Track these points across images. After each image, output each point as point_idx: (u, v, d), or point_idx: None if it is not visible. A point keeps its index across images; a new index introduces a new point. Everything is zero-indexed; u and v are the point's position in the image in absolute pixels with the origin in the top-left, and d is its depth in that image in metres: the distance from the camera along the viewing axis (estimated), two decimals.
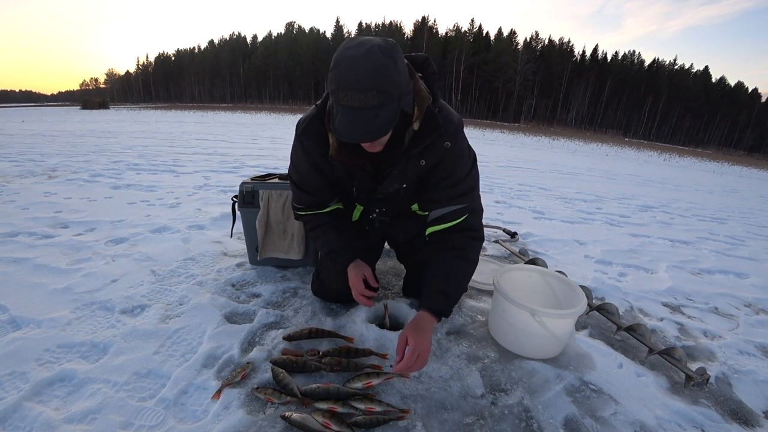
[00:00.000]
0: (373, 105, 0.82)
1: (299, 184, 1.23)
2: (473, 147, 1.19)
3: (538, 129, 31.51)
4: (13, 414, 0.94)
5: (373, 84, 0.81)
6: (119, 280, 1.61)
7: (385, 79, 0.82)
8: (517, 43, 54.85)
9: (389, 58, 0.83)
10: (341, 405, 0.98)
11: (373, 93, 0.81)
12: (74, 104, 45.31)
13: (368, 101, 0.82)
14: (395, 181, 1.13)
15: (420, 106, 0.97)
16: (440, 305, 1.10)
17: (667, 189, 6.19)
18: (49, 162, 4.36)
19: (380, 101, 0.82)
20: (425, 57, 1.04)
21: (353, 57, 0.81)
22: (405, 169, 1.09)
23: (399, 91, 0.86)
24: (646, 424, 1.03)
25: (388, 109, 0.85)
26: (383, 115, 0.85)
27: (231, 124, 13.68)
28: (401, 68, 0.87)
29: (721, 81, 55.89)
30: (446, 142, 1.05)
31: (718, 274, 2.33)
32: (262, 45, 67.76)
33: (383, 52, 0.82)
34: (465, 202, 1.12)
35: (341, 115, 0.86)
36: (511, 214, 3.26)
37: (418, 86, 0.98)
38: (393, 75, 0.83)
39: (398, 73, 0.85)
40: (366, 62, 0.80)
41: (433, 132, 1.01)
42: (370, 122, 0.85)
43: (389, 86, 0.83)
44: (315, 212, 1.27)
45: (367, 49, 0.82)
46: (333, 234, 1.26)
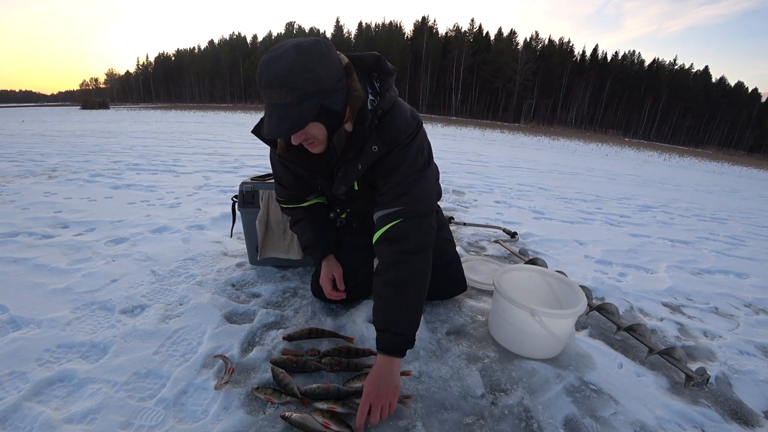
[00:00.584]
0: (287, 102, 0.85)
1: (277, 178, 1.31)
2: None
3: (538, 129, 31.52)
4: (13, 414, 0.94)
5: (284, 81, 0.84)
6: (119, 280, 1.61)
7: (295, 76, 0.84)
8: (517, 43, 54.93)
9: (302, 56, 0.84)
10: (341, 405, 0.97)
11: (286, 90, 0.84)
12: (74, 104, 45.31)
13: (283, 98, 0.85)
14: (342, 183, 1.11)
15: (352, 107, 0.95)
16: (387, 344, 1.00)
17: (667, 189, 6.19)
18: (49, 162, 4.36)
19: (294, 98, 0.85)
20: (376, 56, 1.01)
21: (270, 58, 0.86)
22: (346, 172, 1.07)
23: (316, 88, 0.86)
24: (646, 424, 1.03)
25: (305, 106, 0.87)
26: (299, 111, 0.87)
27: (231, 124, 13.68)
28: (318, 67, 0.86)
29: (721, 81, 55.92)
30: (373, 146, 0.99)
31: (718, 274, 2.33)
32: (262, 45, 67.77)
33: (297, 52, 0.84)
34: (400, 205, 1.02)
35: (265, 112, 0.92)
36: (511, 214, 3.26)
37: (353, 86, 0.95)
38: (305, 73, 0.84)
39: (312, 71, 0.85)
40: (278, 62, 0.84)
41: (361, 135, 0.98)
42: (285, 118, 0.87)
43: (301, 83, 0.84)
44: (294, 206, 1.35)
45: (283, 50, 0.85)
46: (309, 230, 1.33)
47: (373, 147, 0.99)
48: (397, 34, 57.12)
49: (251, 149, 6.47)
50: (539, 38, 55.52)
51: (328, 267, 1.31)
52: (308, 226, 1.34)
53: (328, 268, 1.31)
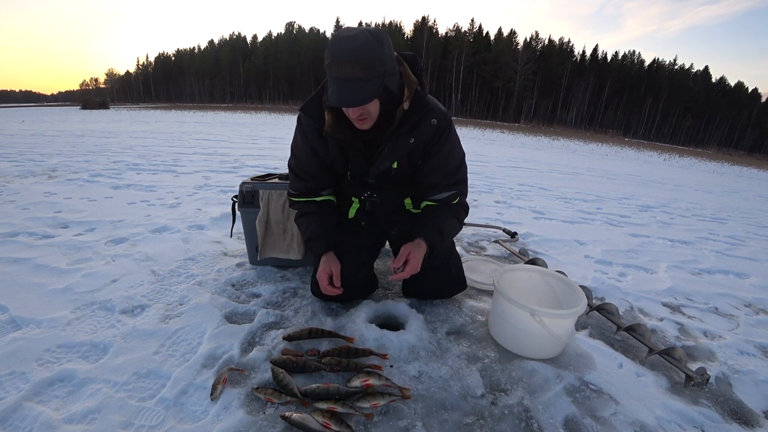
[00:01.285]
0: (360, 77, 0.95)
1: (296, 170, 1.33)
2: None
3: (538, 129, 31.52)
4: (13, 414, 0.94)
5: (359, 57, 0.94)
6: (119, 280, 1.61)
7: (369, 53, 0.95)
8: (517, 43, 54.89)
9: (376, 38, 0.96)
10: (341, 405, 0.97)
11: (360, 66, 0.94)
12: (74, 104, 45.31)
13: (355, 72, 0.95)
14: (386, 159, 1.22)
15: (409, 88, 1.11)
16: (435, 239, 1.27)
17: (667, 189, 6.19)
18: (49, 162, 4.36)
19: (366, 74, 0.96)
20: (413, 55, 1.18)
21: (345, 36, 0.96)
22: (395, 147, 1.19)
23: (383, 69, 0.99)
24: (646, 424, 1.03)
25: (372, 83, 0.98)
26: (368, 86, 0.98)
27: (231, 124, 13.68)
28: (387, 50, 0.99)
29: (721, 81, 55.92)
30: (432, 119, 1.16)
31: (718, 274, 2.33)
32: (262, 45, 67.74)
33: (371, 34, 0.96)
34: (457, 189, 1.30)
35: (333, 85, 0.99)
36: (511, 214, 3.26)
37: (406, 72, 1.12)
38: (377, 53, 0.96)
39: (383, 52, 0.98)
40: (354, 40, 0.95)
41: (420, 110, 1.14)
42: (357, 90, 0.97)
43: (373, 62, 0.96)
44: (307, 200, 1.37)
45: (357, 31, 0.96)
46: (316, 223, 1.34)
47: (432, 120, 1.17)
48: (397, 34, 57.11)
49: (251, 149, 6.47)
50: (539, 38, 55.55)
51: (327, 262, 1.31)
52: (316, 219, 1.35)
53: (327, 264, 1.31)
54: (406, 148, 1.20)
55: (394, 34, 56.43)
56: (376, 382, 1.05)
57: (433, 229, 1.29)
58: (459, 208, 1.34)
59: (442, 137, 1.21)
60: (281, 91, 63.72)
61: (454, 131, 1.25)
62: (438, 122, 1.17)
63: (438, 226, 1.30)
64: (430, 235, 1.28)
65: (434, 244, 1.29)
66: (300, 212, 1.39)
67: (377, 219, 1.42)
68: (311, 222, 1.35)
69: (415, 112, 1.13)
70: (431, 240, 1.27)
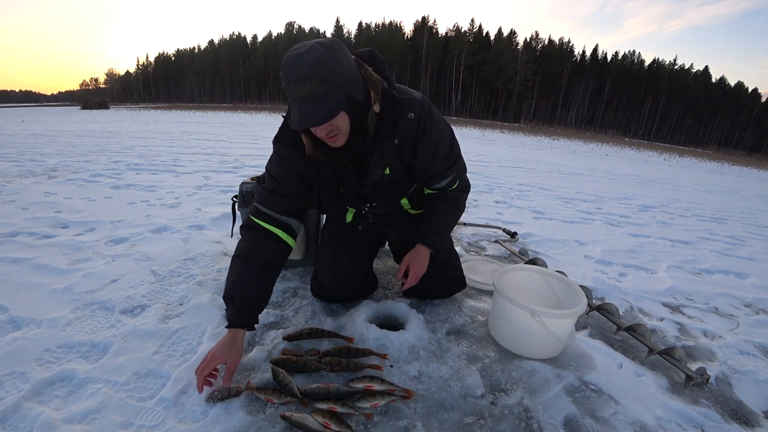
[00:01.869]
0: (318, 93, 0.90)
1: (276, 189, 1.17)
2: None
3: (538, 129, 31.51)
4: (13, 414, 0.94)
5: (314, 73, 0.88)
6: (119, 280, 1.61)
7: (325, 68, 0.89)
8: (517, 43, 54.85)
9: (328, 50, 0.91)
10: (341, 405, 0.97)
11: (316, 81, 0.89)
12: (74, 104, 45.31)
13: (313, 89, 0.89)
14: (377, 168, 1.16)
15: (375, 89, 1.04)
16: (435, 241, 1.31)
17: (667, 189, 6.19)
18: (49, 162, 4.36)
19: (324, 89, 0.90)
20: (370, 50, 1.11)
21: (296, 54, 0.90)
22: (382, 153, 1.13)
23: (343, 79, 0.93)
24: (646, 424, 1.03)
25: (333, 96, 0.92)
26: (329, 100, 0.92)
27: (231, 124, 13.68)
28: (342, 59, 0.93)
29: (721, 81, 55.89)
30: (409, 113, 1.09)
31: (718, 274, 2.33)
32: (262, 45, 67.72)
33: (322, 46, 0.90)
34: (455, 171, 1.27)
35: (293, 107, 0.94)
36: (511, 214, 3.26)
37: (368, 73, 1.04)
38: (332, 65, 0.90)
39: (338, 63, 0.92)
40: (306, 56, 0.89)
41: (393, 109, 1.06)
42: (319, 107, 0.91)
43: (330, 74, 0.90)
44: (269, 228, 1.16)
45: (308, 47, 0.90)
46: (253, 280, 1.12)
47: (410, 114, 1.09)
48: (397, 34, 57.07)
49: (251, 149, 6.47)
50: (539, 38, 55.51)
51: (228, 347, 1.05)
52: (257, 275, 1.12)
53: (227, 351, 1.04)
54: (393, 151, 1.14)
55: (394, 34, 56.42)
56: (378, 387, 1.03)
57: (432, 232, 1.31)
58: (458, 194, 1.33)
59: (426, 128, 1.13)
60: (281, 91, 63.02)
61: (435, 115, 1.16)
62: (416, 114, 1.09)
63: (437, 226, 1.31)
64: (431, 238, 1.31)
65: (435, 246, 1.32)
66: (245, 249, 1.14)
67: (375, 223, 1.39)
68: (249, 276, 1.11)
69: (388, 112, 1.06)
70: (432, 243, 1.31)
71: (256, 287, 1.13)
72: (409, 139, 1.14)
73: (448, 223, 1.34)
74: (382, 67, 1.09)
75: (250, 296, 1.11)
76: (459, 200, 1.34)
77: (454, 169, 1.26)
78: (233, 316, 1.09)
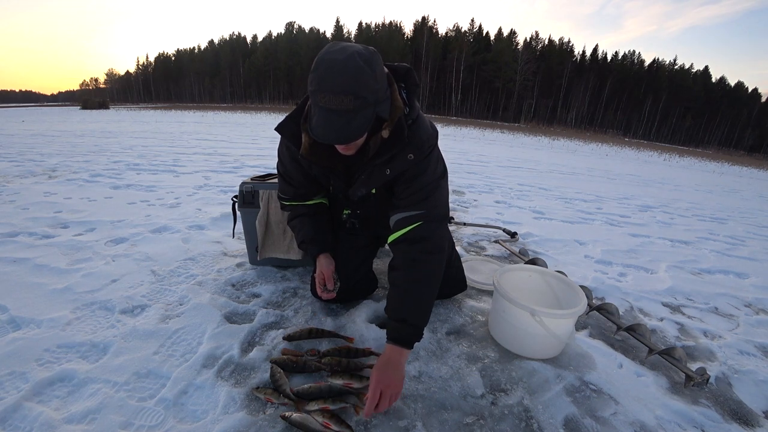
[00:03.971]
0: (349, 109, 0.85)
1: (284, 176, 1.30)
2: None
3: (538, 129, 31.49)
4: (13, 414, 0.94)
5: (350, 89, 0.83)
6: (119, 280, 1.61)
7: (362, 85, 0.84)
8: (517, 43, 54.88)
9: (368, 65, 0.85)
10: (332, 402, 0.98)
11: (350, 97, 0.83)
12: (74, 104, 45.31)
13: (345, 105, 0.84)
14: (363, 186, 1.15)
15: (393, 115, 0.98)
16: (401, 334, 1.04)
17: (667, 189, 6.19)
18: (49, 162, 4.36)
19: (356, 106, 0.85)
20: (408, 68, 1.05)
21: (334, 60, 0.84)
22: (371, 176, 1.11)
23: (375, 98, 0.88)
24: (646, 424, 1.03)
25: (363, 114, 0.87)
26: (358, 119, 0.87)
27: (231, 124, 13.68)
28: (379, 76, 0.89)
29: (721, 81, 55.92)
30: (409, 154, 1.04)
31: (718, 274, 2.33)
32: (262, 45, 67.70)
33: (363, 59, 0.85)
34: (422, 209, 1.08)
35: (318, 116, 0.88)
36: (511, 214, 3.26)
37: (394, 96, 0.98)
38: (370, 82, 0.85)
39: (375, 80, 0.87)
40: (345, 67, 0.83)
41: (397, 144, 1.02)
42: (345, 125, 0.87)
43: (366, 92, 0.85)
44: (297, 203, 1.35)
45: (347, 54, 0.84)
46: (308, 225, 1.33)
47: (409, 155, 1.04)
48: (397, 34, 57.08)
49: (251, 149, 6.47)
50: (539, 38, 55.56)
51: (320, 266, 1.32)
52: (308, 222, 1.34)
53: (320, 267, 1.31)
54: (382, 179, 1.10)
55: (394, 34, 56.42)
56: (357, 384, 1.04)
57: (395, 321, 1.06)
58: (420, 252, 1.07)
59: (419, 168, 1.08)
60: (281, 91, 63.68)
61: (433, 157, 1.10)
62: (415, 158, 1.04)
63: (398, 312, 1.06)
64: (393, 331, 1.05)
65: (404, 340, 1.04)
66: (292, 214, 1.38)
67: (370, 224, 1.39)
68: (303, 224, 1.34)
69: (392, 145, 1.02)
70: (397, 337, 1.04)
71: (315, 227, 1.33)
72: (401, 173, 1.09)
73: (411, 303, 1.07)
74: (413, 89, 1.05)
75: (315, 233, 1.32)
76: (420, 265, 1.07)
77: (423, 205, 1.08)
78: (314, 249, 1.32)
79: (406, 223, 1.10)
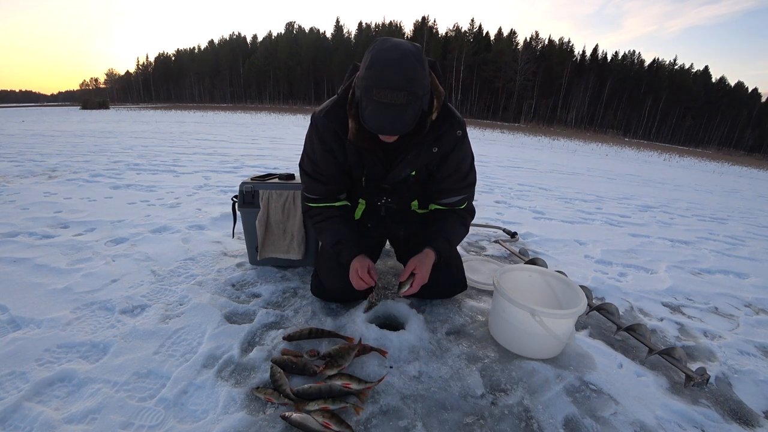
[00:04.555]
0: (402, 103, 0.94)
1: (314, 174, 1.28)
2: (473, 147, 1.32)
3: (538, 129, 31.49)
4: (13, 414, 0.94)
5: (405, 86, 0.93)
6: (119, 280, 1.61)
7: (415, 82, 0.94)
8: (517, 43, 54.84)
9: (420, 63, 0.96)
10: (332, 402, 0.98)
11: (405, 93, 0.93)
12: (74, 104, 45.31)
13: (399, 100, 0.93)
14: (407, 167, 1.23)
15: (438, 99, 1.10)
16: (443, 248, 1.31)
17: (667, 189, 6.19)
18: (49, 162, 4.36)
19: (408, 100, 0.94)
20: (434, 61, 1.15)
21: (389, 59, 0.94)
22: (418, 155, 1.21)
23: (423, 92, 0.98)
24: (646, 424, 1.03)
25: (413, 108, 0.97)
26: (409, 112, 0.96)
27: (231, 124, 13.68)
28: (426, 74, 0.99)
29: (721, 81, 55.89)
30: (458, 130, 1.20)
31: (718, 274, 2.33)
32: (262, 45, 67.72)
33: (414, 58, 0.95)
34: (467, 193, 1.33)
35: (371, 108, 0.96)
36: (511, 214, 3.26)
37: (435, 82, 1.10)
38: (421, 79, 0.96)
39: (424, 77, 0.98)
40: (401, 66, 0.93)
41: (447, 121, 1.17)
42: (398, 118, 0.96)
43: (417, 88, 0.95)
44: (327, 204, 1.34)
45: (401, 53, 0.94)
46: (343, 226, 1.32)
47: (458, 132, 1.21)
48: (397, 34, 57.11)
49: (251, 149, 6.47)
50: (539, 38, 55.47)
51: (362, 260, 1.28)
52: (341, 223, 1.33)
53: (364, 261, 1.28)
54: (429, 158, 1.22)
55: (394, 34, 56.44)
56: (356, 386, 1.04)
57: (443, 239, 1.31)
58: (466, 213, 1.36)
59: (460, 147, 1.24)
60: (281, 91, 63.72)
61: (467, 138, 1.27)
62: (462, 134, 1.22)
63: (447, 235, 1.32)
64: (440, 244, 1.30)
65: (442, 252, 1.31)
66: (321, 216, 1.34)
67: (384, 221, 1.42)
68: (338, 225, 1.32)
69: (442, 123, 1.16)
70: (440, 249, 1.30)
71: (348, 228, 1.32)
72: (446, 152, 1.23)
73: (456, 234, 1.35)
74: (441, 79, 1.14)
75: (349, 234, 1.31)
76: (466, 220, 1.38)
77: (466, 190, 1.32)
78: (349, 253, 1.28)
79: (457, 204, 1.34)
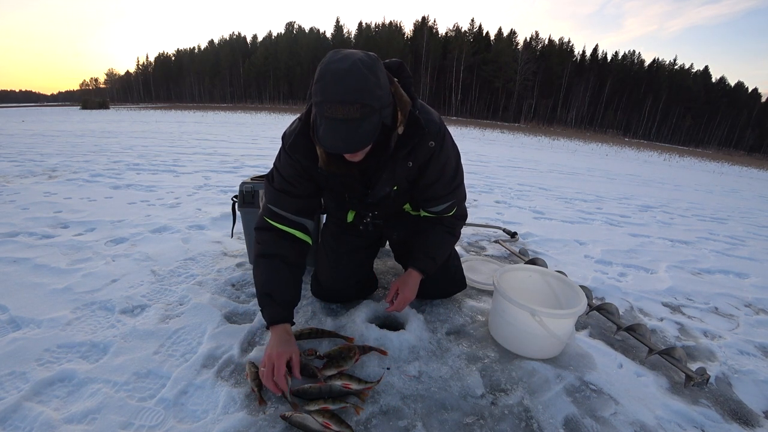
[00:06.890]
0: (356, 117, 0.85)
1: (286, 189, 1.15)
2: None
3: (538, 129, 31.49)
4: (13, 414, 0.94)
5: (356, 97, 0.83)
6: (119, 280, 1.61)
7: (367, 93, 0.85)
8: (517, 43, 54.76)
9: (371, 72, 0.85)
10: (332, 402, 0.98)
11: (357, 106, 0.84)
12: (74, 104, 45.31)
13: (352, 114, 0.84)
14: (386, 185, 1.17)
15: (403, 111, 1.00)
16: (428, 267, 1.32)
17: (667, 189, 6.19)
18: (49, 162, 4.36)
19: (363, 114, 0.85)
20: (399, 62, 1.08)
21: (337, 70, 0.84)
22: (394, 172, 1.14)
23: (380, 104, 0.89)
24: (646, 424, 1.03)
25: (369, 122, 0.87)
26: (365, 127, 0.87)
27: (231, 124, 13.68)
28: (382, 82, 0.90)
29: (721, 81, 55.85)
30: (430, 141, 1.10)
31: (718, 274, 2.33)
32: (262, 45, 67.66)
33: (366, 67, 0.85)
34: (455, 198, 1.27)
35: (324, 126, 0.88)
36: (511, 214, 3.26)
37: (398, 92, 1.00)
38: (375, 89, 0.86)
39: (379, 87, 0.88)
40: (350, 76, 0.83)
41: (416, 134, 1.06)
42: (353, 134, 0.87)
43: (371, 100, 0.85)
44: (285, 229, 1.16)
45: (351, 63, 0.84)
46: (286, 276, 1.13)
47: (430, 143, 1.10)
48: (397, 34, 57.03)
49: (251, 149, 6.48)
50: (539, 38, 55.41)
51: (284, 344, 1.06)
52: (286, 271, 1.13)
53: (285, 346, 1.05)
54: (405, 172, 1.15)
55: (394, 34, 56.41)
56: (355, 386, 1.04)
57: (428, 258, 1.32)
58: (455, 220, 1.33)
59: (438, 154, 1.14)
60: (281, 91, 63.68)
61: (447, 140, 1.16)
62: (435, 143, 1.10)
63: (432, 252, 1.32)
64: (424, 264, 1.32)
65: (427, 272, 1.33)
66: (268, 250, 1.14)
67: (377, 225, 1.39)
68: (279, 272, 1.12)
69: (411, 137, 1.05)
70: (425, 269, 1.32)
71: (289, 282, 1.14)
72: (422, 162, 1.14)
73: (443, 249, 1.34)
74: (408, 81, 1.07)
75: (287, 291, 1.13)
76: (455, 228, 1.35)
77: (453, 195, 1.26)
78: (276, 312, 1.11)
79: (446, 210, 1.29)
